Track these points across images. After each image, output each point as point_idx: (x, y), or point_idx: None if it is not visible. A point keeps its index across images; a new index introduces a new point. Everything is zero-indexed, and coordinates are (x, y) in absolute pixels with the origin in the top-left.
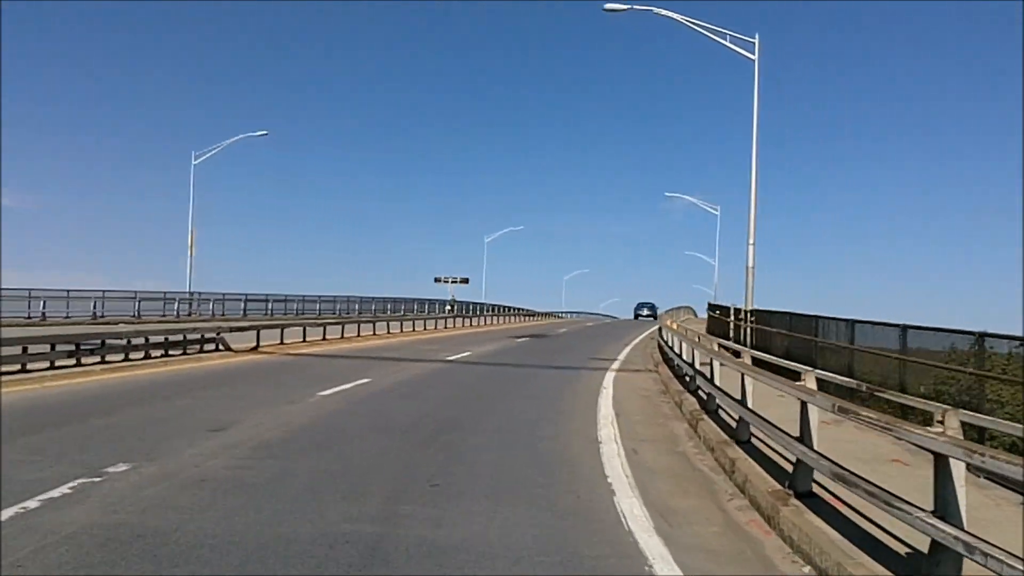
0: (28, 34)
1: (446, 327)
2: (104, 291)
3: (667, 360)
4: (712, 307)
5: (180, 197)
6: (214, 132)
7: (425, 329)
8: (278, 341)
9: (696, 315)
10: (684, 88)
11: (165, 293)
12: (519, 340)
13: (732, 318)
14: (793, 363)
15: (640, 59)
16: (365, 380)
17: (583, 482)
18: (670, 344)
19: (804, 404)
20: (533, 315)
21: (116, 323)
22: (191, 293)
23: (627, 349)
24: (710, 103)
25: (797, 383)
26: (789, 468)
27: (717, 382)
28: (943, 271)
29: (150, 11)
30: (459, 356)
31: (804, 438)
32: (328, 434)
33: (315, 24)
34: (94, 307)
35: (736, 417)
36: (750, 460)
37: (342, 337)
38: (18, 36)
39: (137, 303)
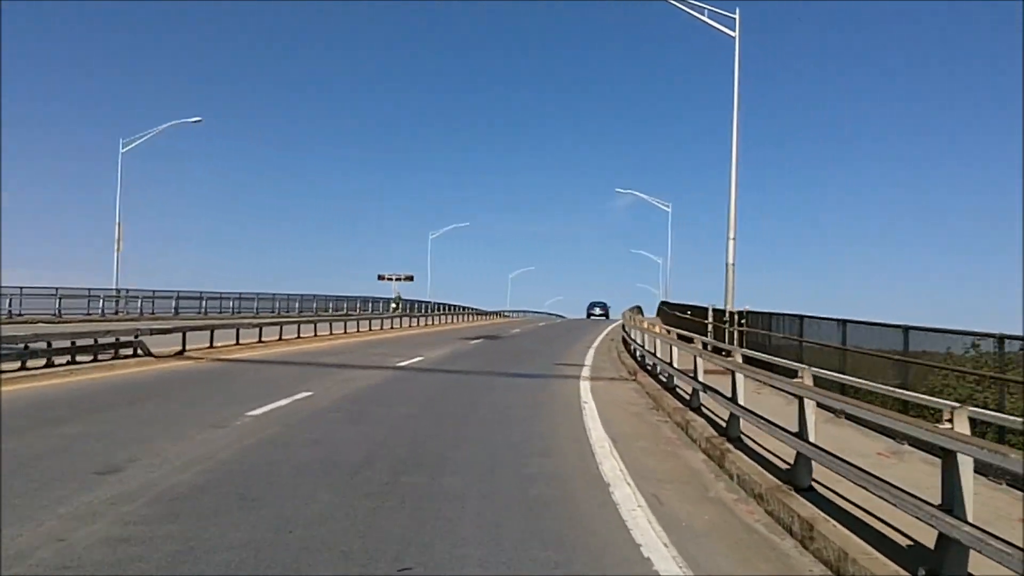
0: None
1: (392, 327)
2: (22, 287)
3: (644, 367)
4: (670, 305)
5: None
6: (147, 120)
7: (370, 330)
8: (207, 344)
9: (643, 314)
10: (634, 84)
11: (90, 290)
12: (473, 342)
13: (711, 319)
14: (841, 375)
15: (592, 52)
16: (306, 394)
17: (611, 557)
18: (652, 349)
19: (801, 400)
20: (482, 314)
21: (35, 322)
22: (118, 290)
23: (591, 352)
24: (663, 99)
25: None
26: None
27: (741, 401)
28: (941, 272)
29: None
30: (411, 361)
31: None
32: (256, 478)
33: (243, 16)
34: (9, 304)
35: (779, 454)
36: (831, 523)
37: (280, 339)
38: None
39: (58, 300)
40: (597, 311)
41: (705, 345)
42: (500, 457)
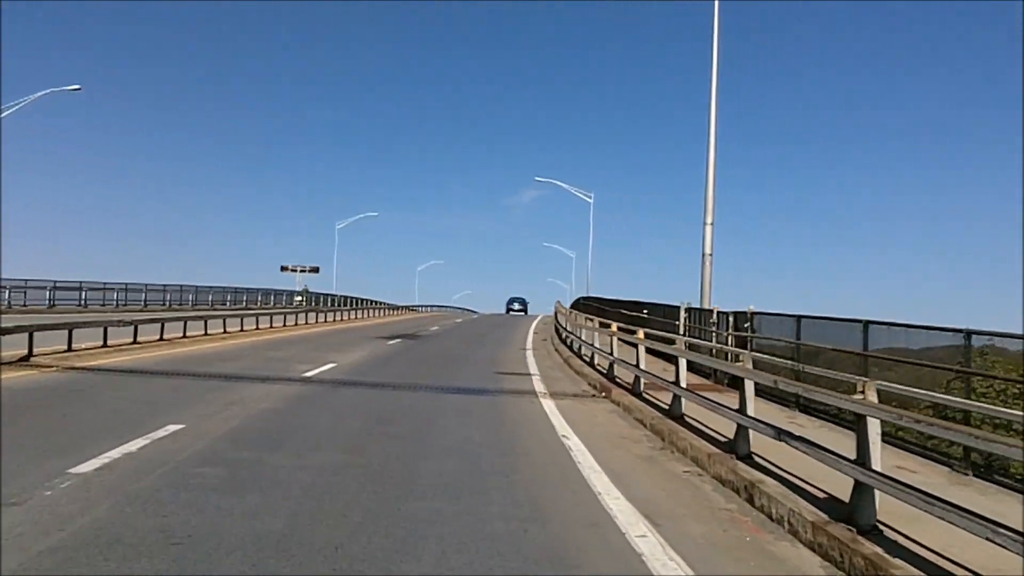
0: None
1: (296, 323)
2: None
3: (613, 379)
4: (600, 301)
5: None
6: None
7: (271, 327)
8: (65, 347)
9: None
10: (550, 73)
11: None
12: (391, 343)
13: (682, 321)
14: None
15: (501, 47)
16: (172, 428)
17: None
18: (624, 358)
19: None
20: (393, 309)
21: None
22: None
23: (529, 356)
24: (579, 91)
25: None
26: None
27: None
28: (934, 273)
29: None
30: (321, 370)
31: None
32: None
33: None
34: None
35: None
36: None
37: (161, 339)
38: None
39: None
40: (516, 306)
41: (723, 354)
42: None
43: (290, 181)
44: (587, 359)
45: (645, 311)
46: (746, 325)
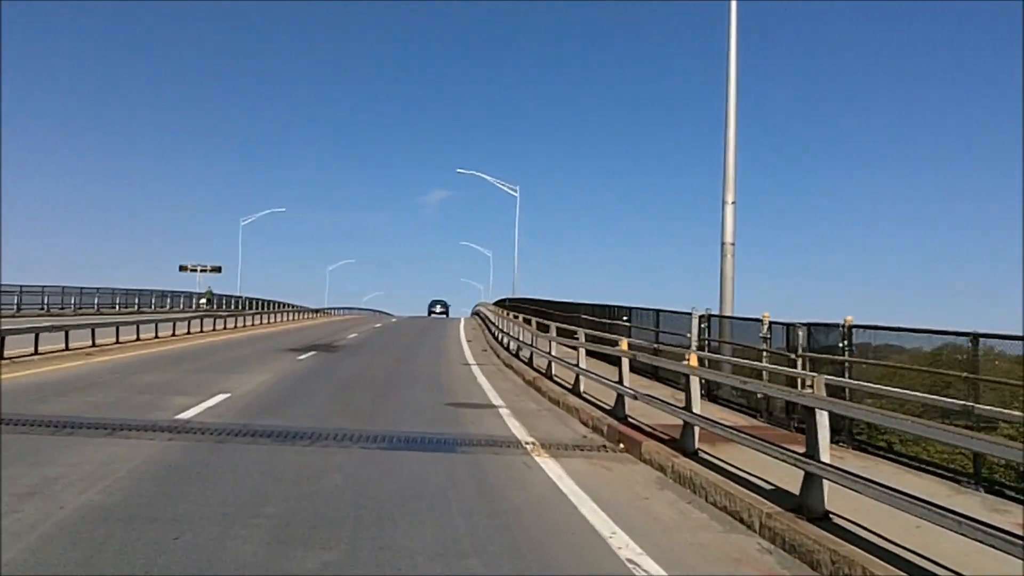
0: None
1: (189, 332)
2: None
3: (623, 419)
4: (535, 303)
5: None
6: None
7: (156, 337)
8: None
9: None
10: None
11: None
12: (303, 358)
13: (695, 336)
14: None
15: (413, 44)
16: None
17: None
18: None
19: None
20: (305, 312)
21: None
22: None
23: (478, 374)
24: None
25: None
26: None
27: None
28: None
29: None
30: (205, 406)
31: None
32: None
33: None
34: None
35: None
36: None
37: (2, 357)
38: None
39: None
40: (438, 309)
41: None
42: None
43: (194, 178)
44: (564, 382)
45: (625, 318)
46: (841, 344)
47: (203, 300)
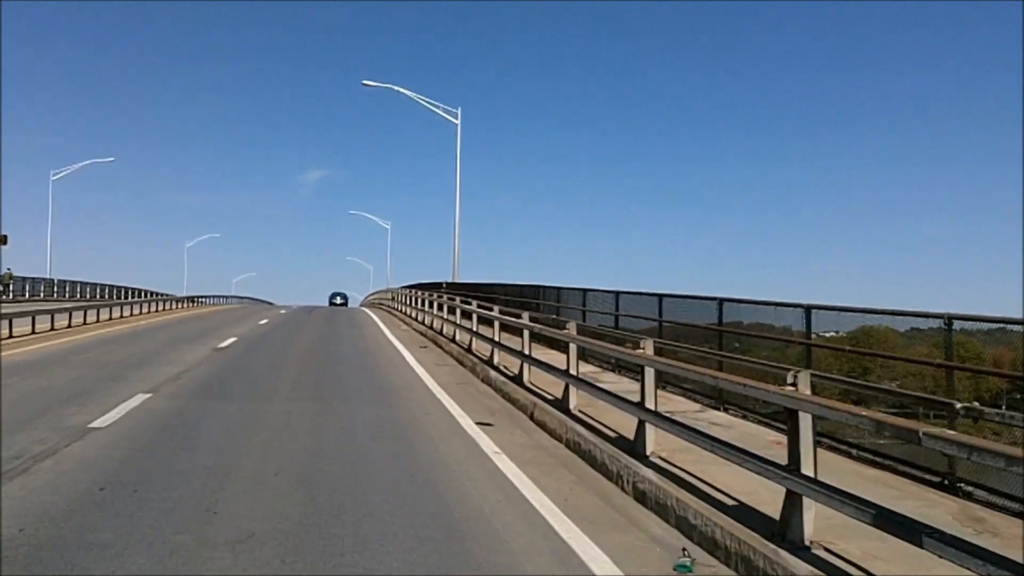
0: None
1: None
2: None
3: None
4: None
5: None
6: None
7: None
8: None
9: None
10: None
11: None
12: (166, 400)
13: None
14: None
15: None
16: None
17: None
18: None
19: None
20: (162, 302)
21: None
22: None
23: (452, 406)
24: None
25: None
26: None
27: None
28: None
29: None
30: None
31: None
32: None
33: None
34: None
35: None
36: None
37: None
38: None
39: None
40: (338, 300)
41: None
42: None
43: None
44: (523, 386)
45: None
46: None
47: None
